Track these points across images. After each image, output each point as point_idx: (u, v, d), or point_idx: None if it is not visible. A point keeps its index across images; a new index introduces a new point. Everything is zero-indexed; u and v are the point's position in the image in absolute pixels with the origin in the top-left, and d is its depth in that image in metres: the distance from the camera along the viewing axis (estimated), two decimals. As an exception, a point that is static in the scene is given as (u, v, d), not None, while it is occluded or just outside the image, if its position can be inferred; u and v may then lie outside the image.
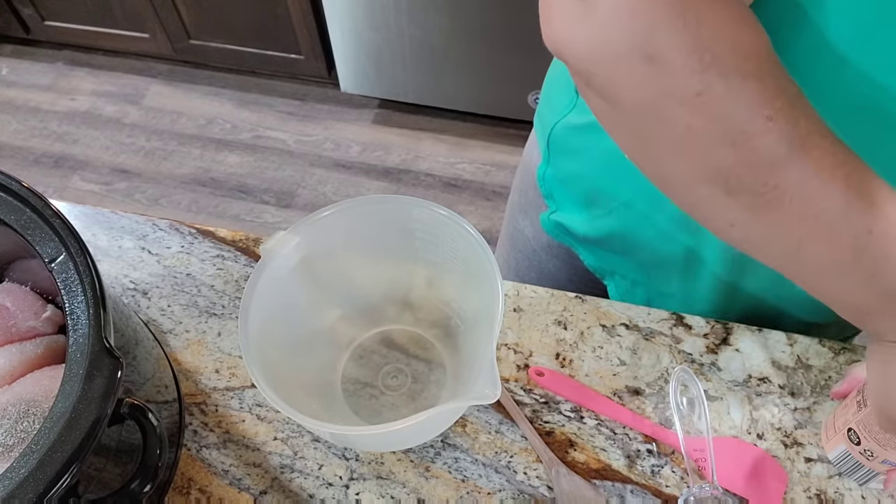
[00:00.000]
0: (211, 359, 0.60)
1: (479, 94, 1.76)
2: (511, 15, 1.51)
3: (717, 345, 0.59)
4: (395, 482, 0.54)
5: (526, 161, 0.74)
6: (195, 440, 0.56)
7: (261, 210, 1.76)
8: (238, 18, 1.75)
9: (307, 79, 1.96)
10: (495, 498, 0.53)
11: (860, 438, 0.49)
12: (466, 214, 1.73)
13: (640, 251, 0.63)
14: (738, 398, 0.57)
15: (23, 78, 2.03)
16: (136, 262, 0.65)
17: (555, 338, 0.60)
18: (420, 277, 0.59)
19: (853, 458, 0.51)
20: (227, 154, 1.86)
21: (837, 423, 0.52)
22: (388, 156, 1.85)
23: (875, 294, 0.36)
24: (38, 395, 0.45)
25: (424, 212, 0.51)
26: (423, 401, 0.58)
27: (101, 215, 0.68)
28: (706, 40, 0.31)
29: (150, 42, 1.88)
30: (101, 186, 1.81)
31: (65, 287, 0.42)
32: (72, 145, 1.89)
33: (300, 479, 0.54)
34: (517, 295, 0.62)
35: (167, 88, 1.99)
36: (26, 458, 0.37)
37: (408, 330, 0.61)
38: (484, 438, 0.55)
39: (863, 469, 0.51)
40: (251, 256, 0.65)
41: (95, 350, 0.40)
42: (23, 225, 0.44)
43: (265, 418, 0.57)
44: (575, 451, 0.55)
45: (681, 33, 0.31)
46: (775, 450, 0.54)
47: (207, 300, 0.63)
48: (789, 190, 0.33)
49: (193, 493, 0.53)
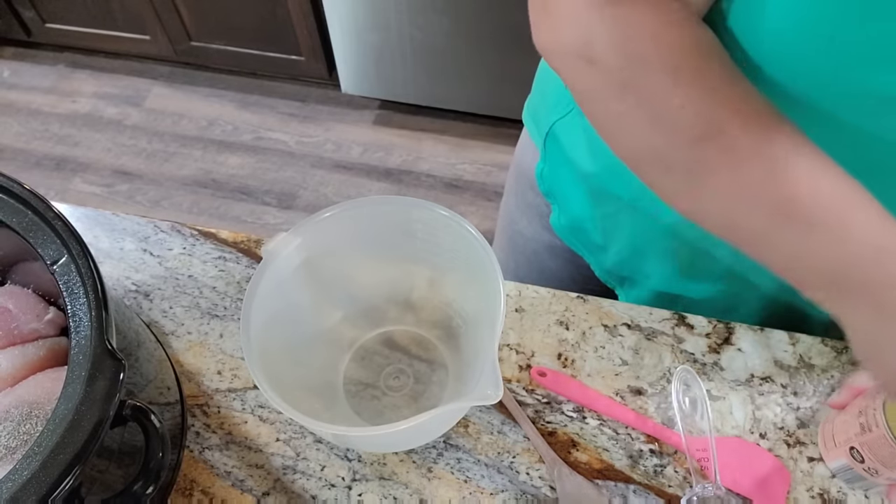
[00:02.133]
0: (213, 360, 0.60)
1: (479, 95, 1.76)
2: (511, 16, 1.51)
3: (720, 344, 0.59)
4: (397, 483, 0.54)
5: (519, 162, 0.73)
6: (197, 442, 0.56)
7: (262, 211, 1.76)
8: (239, 20, 1.75)
9: (308, 80, 1.96)
10: (498, 498, 0.53)
11: (864, 458, 0.49)
12: (468, 215, 1.73)
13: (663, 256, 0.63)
14: (740, 398, 0.57)
15: (24, 80, 2.03)
16: (137, 264, 0.65)
17: (557, 338, 0.60)
18: (421, 278, 0.59)
19: (855, 471, 0.51)
20: (228, 155, 1.86)
21: (837, 437, 0.52)
22: (389, 157, 1.85)
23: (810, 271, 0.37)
24: (40, 397, 0.45)
25: (426, 212, 0.51)
26: (425, 401, 0.58)
27: (102, 217, 0.68)
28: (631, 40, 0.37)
29: (151, 44, 1.88)
30: (103, 188, 1.82)
31: (67, 289, 0.42)
32: (73, 147, 1.89)
33: (303, 480, 0.54)
34: (519, 295, 0.62)
35: (168, 90, 1.99)
36: (29, 461, 0.37)
37: (409, 331, 0.61)
38: (486, 439, 0.55)
39: (864, 481, 0.51)
40: (253, 258, 0.65)
41: (97, 352, 0.40)
42: (24, 227, 0.44)
43: (267, 419, 0.57)
44: (577, 452, 0.55)
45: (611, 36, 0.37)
46: (778, 449, 0.54)
47: (209, 302, 0.63)
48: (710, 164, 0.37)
49: (196, 494, 0.53)
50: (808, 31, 0.36)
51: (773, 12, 0.37)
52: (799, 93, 0.40)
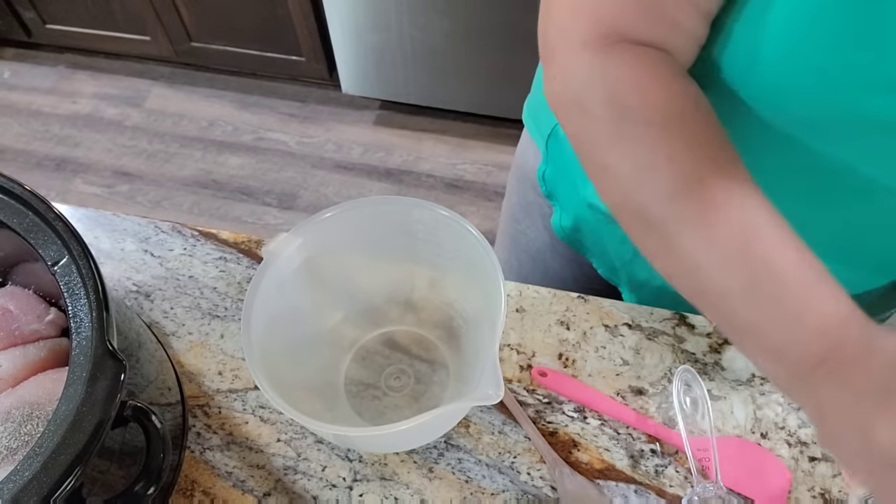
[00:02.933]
0: (214, 361, 0.60)
1: (480, 95, 1.76)
2: (511, 16, 1.51)
3: (720, 344, 0.59)
4: (398, 483, 0.54)
5: (521, 163, 0.73)
6: (198, 442, 0.56)
7: (263, 212, 1.76)
8: (239, 20, 1.75)
9: (308, 80, 1.96)
10: (499, 499, 0.53)
11: None
12: (468, 215, 1.73)
13: None
14: (741, 397, 0.57)
15: (25, 81, 2.03)
16: (138, 265, 0.65)
17: (557, 338, 0.60)
18: (422, 278, 0.59)
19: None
20: (228, 156, 1.86)
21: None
22: (390, 157, 1.85)
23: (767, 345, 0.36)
24: (41, 397, 0.45)
25: (426, 212, 0.51)
26: (426, 402, 0.58)
27: (103, 218, 0.68)
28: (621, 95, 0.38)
29: (152, 45, 1.89)
30: (104, 189, 1.82)
31: (67, 290, 0.42)
32: (74, 148, 1.89)
33: (304, 480, 0.54)
34: (520, 295, 0.62)
35: (169, 91, 1.99)
36: (30, 461, 0.37)
37: (410, 331, 0.61)
38: (487, 439, 0.55)
39: None
40: (253, 258, 0.65)
41: (98, 353, 0.40)
42: (25, 228, 0.44)
43: (268, 420, 0.57)
44: (578, 452, 0.55)
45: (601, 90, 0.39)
46: (779, 449, 0.54)
47: (210, 302, 0.63)
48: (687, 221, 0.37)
49: (197, 495, 0.53)
50: (802, 63, 0.37)
51: (768, 48, 0.37)
52: (788, 128, 0.41)
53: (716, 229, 0.36)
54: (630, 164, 0.38)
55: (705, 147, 0.38)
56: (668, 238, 0.38)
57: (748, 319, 0.37)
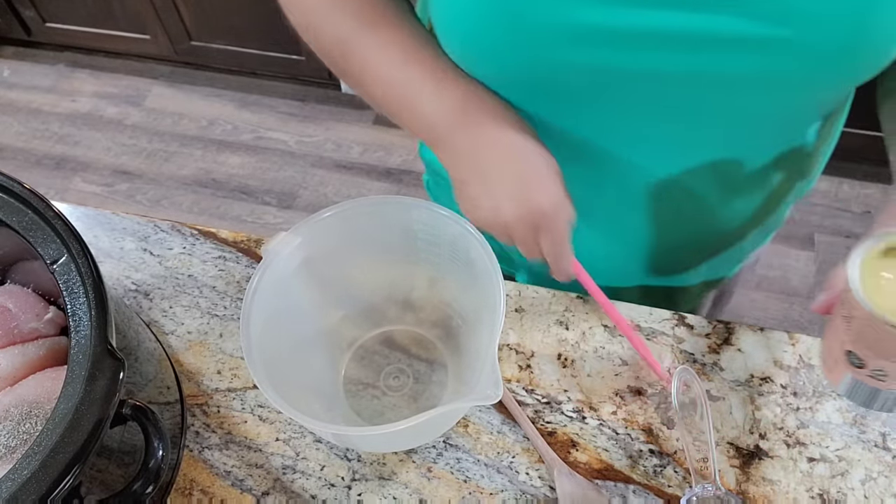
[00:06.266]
0: (213, 360, 0.60)
1: (479, 95, 1.76)
2: (512, 15, 1.50)
3: (719, 345, 0.59)
4: (397, 483, 0.54)
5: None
6: (197, 441, 0.56)
7: (262, 211, 1.76)
8: (239, 19, 1.75)
9: (308, 80, 1.96)
10: (497, 498, 0.53)
11: (862, 358, 0.43)
12: (468, 215, 1.72)
13: None
14: (740, 398, 0.57)
15: (24, 80, 2.03)
16: (137, 264, 0.65)
17: (556, 338, 0.60)
18: (421, 278, 0.59)
19: (864, 384, 0.45)
20: (228, 155, 1.86)
21: (834, 349, 0.46)
22: (389, 156, 1.85)
23: (422, 123, 0.51)
24: (40, 396, 0.45)
25: (425, 212, 0.51)
26: (424, 401, 0.58)
27: (102, 217, 0.68)
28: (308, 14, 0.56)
29: (152, 43, 1.88)
30: (103, 188, 1.82)
31: (66, 288, 0.42)
32: (73, 147, 1.89)
33: (302, 479, 0.54)
34: (519, 295, 0.62)
35: (168, 90, 1.99)
36: (29, 460, 0.37)
37: (409, 330, 0.61)
38: (486, 439, 0.55)
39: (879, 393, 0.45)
40: (253, 257, 0.65)
41: (97, 351, 0.40)
42: (24, 227, 0.44)
43: (267, 419, 0.57)
44: (577, 452, 0.55)
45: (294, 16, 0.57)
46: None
47: (209, 301, 0.63)
48: (358, 55, 0.53)
49: (195, 494, 0.53)
50: (487, 18, 0.45)
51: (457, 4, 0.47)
52: (523, 100, 0.51)
53: (387, 46, 0.51)
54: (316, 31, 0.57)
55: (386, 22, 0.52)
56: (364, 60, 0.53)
57: (406, 96, 0.51)
